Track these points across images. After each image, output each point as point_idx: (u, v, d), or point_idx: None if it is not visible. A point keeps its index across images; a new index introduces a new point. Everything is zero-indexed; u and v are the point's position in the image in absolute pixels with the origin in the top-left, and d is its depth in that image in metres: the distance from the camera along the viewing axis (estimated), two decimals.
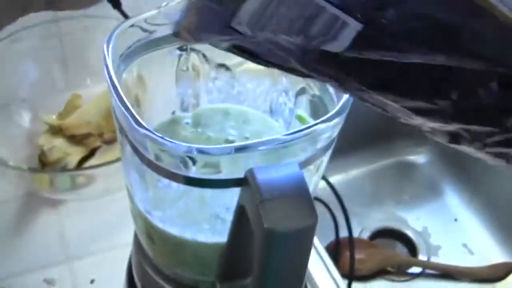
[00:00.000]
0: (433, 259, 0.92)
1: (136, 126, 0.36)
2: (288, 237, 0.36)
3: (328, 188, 0.84)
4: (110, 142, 0.80)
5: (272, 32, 0.28)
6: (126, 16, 0.78)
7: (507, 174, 0.95)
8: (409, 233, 0.95)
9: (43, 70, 0.85)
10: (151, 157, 0.38)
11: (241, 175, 0.37)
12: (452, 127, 0.30)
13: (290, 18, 0.27)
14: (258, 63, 0.32)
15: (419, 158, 1.04)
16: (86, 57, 0.88)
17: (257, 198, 0.36)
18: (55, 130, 0.79)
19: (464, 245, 0.94)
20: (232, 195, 0.40)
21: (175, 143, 0.35)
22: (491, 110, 0.28)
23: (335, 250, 0.83)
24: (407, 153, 1.04)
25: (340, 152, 1.00)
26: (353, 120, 0.38)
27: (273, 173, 0.37)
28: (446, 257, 0.92)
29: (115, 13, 0.78)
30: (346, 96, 0.40)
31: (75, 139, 0.79)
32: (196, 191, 0.40)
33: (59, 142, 0.78)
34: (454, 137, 0.31)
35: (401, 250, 0.94)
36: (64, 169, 0.75)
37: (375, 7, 0.26)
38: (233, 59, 0.49)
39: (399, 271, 0.90)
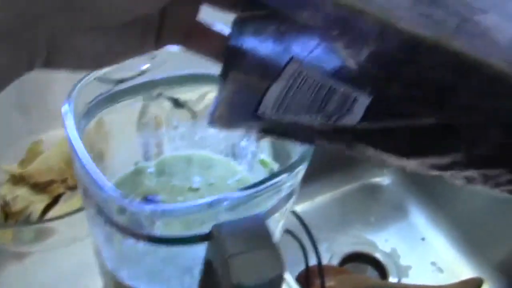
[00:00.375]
0: (404, 280, 0.92)
1: (100, 189, 0.36)
2: None
3: (294, 217, 0.84)
4: (74, 187, 0.79)
5: (294, 114, 0.31)
6: None
7: (468, 190, 0.96)
8: (379, 255, 0.95)
9: (2, 117, 0.84)
10: (116, 217, 0.38)
11: (207, 228, 0.37)
12: (467, 172, 0.33)
13: (308, 100, 0.30)
14: (287, 140, 0.36)
15: (383, 180, 1.05)
16: (46, 102, 0.87)
17: (224, 253, 0.36)
18: (17, 179, 0.78)
19: (433, 264, 0.95)
20: (199, 250, 0.40)
21: (140, 205, 0.35)
22: (497, 155, 0.31)
23: (305, 280, 0.83)
24: (371, 176, 1.05)
25: (304, 180, 1.00)
26: (315, 147, 0.39)
27: (238, 227, 0.37)
28: (416, 277, 0.93)
29: None
30: None
31: (38, 187, 0.78)
32: (163, 247, 0.40)
33: (22, 191, 0.77)
34: (470, 180, 0.33)
35: (371, 273, 0.94)
36: (28, 221, 0.74)
37: (382, 81, 0.30)
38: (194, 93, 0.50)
39: None
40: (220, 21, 0.36)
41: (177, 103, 0.50)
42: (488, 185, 0.34)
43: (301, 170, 0.40)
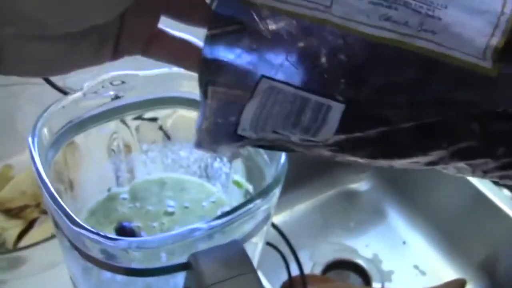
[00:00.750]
0: (387, 285, 0.92)
1: (72, 226, 0.35)
2: None
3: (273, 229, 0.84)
4: None
5: (272, 130, 0.31)
6: (48, 81, 0.77)
7: (446, 191, 0.96)
8: (361, 261, 0.95)
9: None
10: (90, 252, 0.37)
11: (185, 257, 0.36)
12: (454, 164, 0.33)
13: (283, 115, 0.31)
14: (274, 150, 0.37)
15: (361, 185, 1.05)
16: (13, 125, 0.85)
17: (202, 282, 0.35)
18: None
19: (416, 267, 0.94)
20: (180, 277, 0.39)
21: (114, 240, 0.34)
22: (480, 146, 0.32)
23: None
24: (348, 182, 1.05)
25: (282, 189, 0.99)
26: (291, 156, 0.38)
27: (216, 254, 0.36)
28: (399, 281, 0.93)
29: (37, 79, 0.76)
30: (280, 163, 0.40)
31: (11, 212, 0.76)
32: (141, 279, 0.39)
33: None
34: (459, 170, 0.34)
35: (354, 280, 0.94)
36: (3, 246, 0.72)
37: (351, 87, 0.30)
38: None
39: None
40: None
41: (162, 127, 0.49)
42: (477, 174, 0.34)
43: (275, 194, 0.39)
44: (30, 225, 0.77)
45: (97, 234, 0.35)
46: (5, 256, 0.67)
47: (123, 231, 0.47)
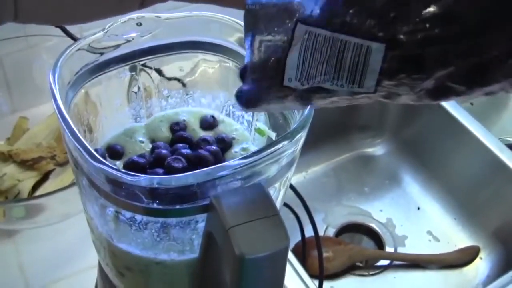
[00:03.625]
0: (400, 250, 0.92)
1: (92, 161, 0.34)
2: (261, 262, 0.35)
3: (289, 189, 0.83)
4: (63, 164, 0.78)
5: (317, 77, 0.31)
6: (67, 33, 0.76)
7: (463, 157, 0.95)
8: (374, 225, 0.94)
9: None
10: (109, 189, 0.36)
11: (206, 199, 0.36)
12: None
13: (324, 59, 0.30)
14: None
15: (377, 150, 1.04)
16: (30, 77, 0.85)
17: (225, 224, 0.34)
18: (5, 157, 0.76)
19: (429, 233, 0.94)
20: (200, 222, 0.39)
21: (135, 177, 0.34)
22: None
23: (301, 251, 0.82)
24: (364, 146, 1.04)
25: None
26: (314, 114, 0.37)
27: (239, 196, 0.35)
28: (413, 246, 0.92)
29: (56, 30, 0.75)
30: (307, 108, 0.39)
31: (26, 164, 0.76)
32: (161, 220, 0.39)
33: (10, 169, 0.75)
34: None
35: (367, 243, 0.94)
36: (17, 197, 0.72)
37: (388, 26, 0.29)
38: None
39: (368, 266, 0.90)
40: None
41: (161, 74, 0.48)
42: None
43: (301, 137, 0.38)
44: (45, 177, 0.77)
45: (119, 171, 0.34)
46: (23, 204, 0.66)
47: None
